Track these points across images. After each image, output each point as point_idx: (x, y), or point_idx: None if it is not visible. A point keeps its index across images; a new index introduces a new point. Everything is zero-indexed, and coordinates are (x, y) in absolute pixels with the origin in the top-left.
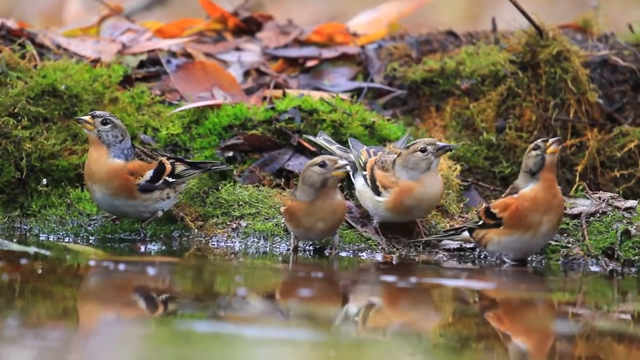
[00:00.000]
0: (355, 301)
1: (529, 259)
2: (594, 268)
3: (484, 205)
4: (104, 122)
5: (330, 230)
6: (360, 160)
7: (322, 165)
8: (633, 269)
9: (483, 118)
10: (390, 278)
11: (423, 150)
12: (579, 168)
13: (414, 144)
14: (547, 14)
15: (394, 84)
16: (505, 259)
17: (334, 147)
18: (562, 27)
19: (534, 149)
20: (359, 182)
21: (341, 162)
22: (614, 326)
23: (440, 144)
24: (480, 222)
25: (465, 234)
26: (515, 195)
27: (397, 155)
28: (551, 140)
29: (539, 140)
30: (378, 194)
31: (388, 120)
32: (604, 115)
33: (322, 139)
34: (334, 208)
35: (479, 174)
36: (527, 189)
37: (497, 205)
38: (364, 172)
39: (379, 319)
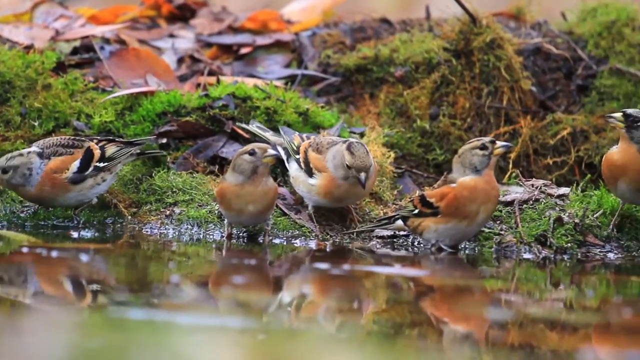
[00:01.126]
0: (288, 288)
1: (461, 246)
2: (526, 255)
3: (418, 194)
4: (4, 171)
5: (261, 214)
6: (292, 145)
7: (252, 153)
8: (565, 256)
9: (417, 105)
10: (323, 265)
11: (349, 148)
12: (512, 155)
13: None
14: (481, 1)
15: (328, 71)
16: (442, 245)
17: (268, 134)
18: (495, 15)
19: (481, 148)
20: (293, 167)
21: (271, 151)
22: (546, 313)
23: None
24: (416, 211)
25: (399, 222)
26: (453, 185)
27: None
28: (500, 143)
29: (487, 140)
30: (311, 175)
31: (322, 107)
32: (537, 103)
33: (255, 127)
34: (265, 192)
35: (413, 161)
36: (467, 179)
37: (433, 195)
38: (297, 156)
39: (312, 306)
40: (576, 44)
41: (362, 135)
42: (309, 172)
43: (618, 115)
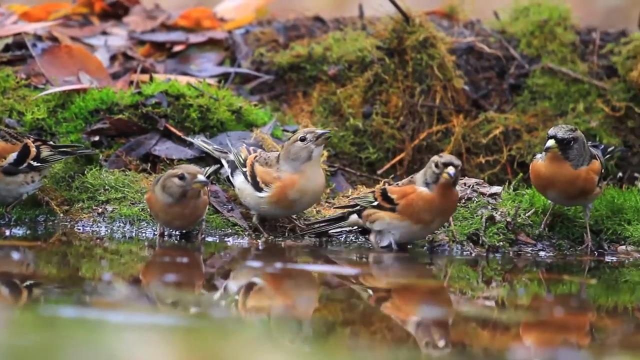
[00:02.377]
0: (221, 287)
1: (394, 245)
2: (459, 254)
3: (380, 187)
4: None
5: (190, 224)
6: (240, 158)
7: (181, 177)
8: (497, 255)
9: (350, 104)
10: (256, 263)
11: (302, 140)
12: (445, 154)
13: (294, 134)
14: (414, 0)
15: (261, 70)
16: (391, 240)
17: (211, 147)
18: (428, 14)
19: (435, 166)
20: (239, 180)
21: (200, 177)
22: (479, 311)
23: (319, 131)
24: (375, 203)
25: (354, 217)
26: (414, 188)
27: (282, 148)
28: (450, 168)
29: (442, 160)
30: (259, 190)
31: (255, 105)
32: (469, 102)
33: (200, 141)
34: (192, 211)
35: (346, 160)
36: (424, 191)
37: (395, 192)
38: (244, 169)
39: (245, 304)
40: (509, 43)
41: (294, 133)
42: (256, 186)
43: (552, 143)
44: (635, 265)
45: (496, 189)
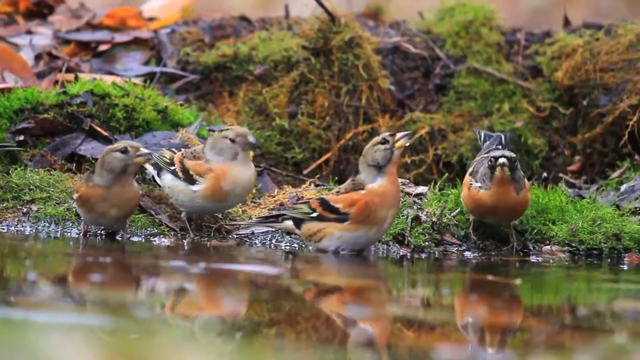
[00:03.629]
0: (146, 286)
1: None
2: (385, 254)
3: (316, 197)
4: None
5: (123, 218)
6: (164, 159)
7: (124, 151)
8: (423, 255)
9: (276, 104)
10: (181, 263)
11: (232, 140)
12: None
13: (227, 129)
14: (340, 0)
15: (187, 69)
16: (342, 252)
17: None
18: (354, 14)
19: (382, 142)
20: (167, 179)
21: (143, 150)
22: (404, 311)
23: (251, 139)
24: (315, 214)
25: (289, 223)
26: (363, 192)
27: (209, 137)
28: (400, 134)
29: (386, 134)
30: (193, 182)
31: (181, 105)
32: (395, 102)
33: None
34: (131, 196)
35: (272, 160)
36: (376, 185)
37: (340, 200)
38: (172, 167)
39: (169, 304)
40: (434, 43)
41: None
42: (190, 179)
43: (504, 160)
44: (560, 265)
45: (422, 189)
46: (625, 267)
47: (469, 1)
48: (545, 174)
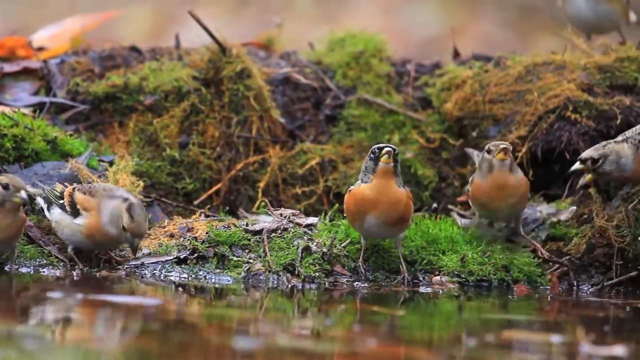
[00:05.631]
0: (32, 317)
1: (208, 277)
2: (275, 284)
3: None
4: None
5: (7, 243)
6: (55, 192)
7: (5, 187)
8: (313, 285)
9: (166, 134)
10: (69, 295)
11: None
12: (261, 184)
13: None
14: (231, 31)
15: (77, 99)
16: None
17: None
18: (245, 45)
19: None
20: (56, 213)
21: (23, 193)
22: (294, 342)
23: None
24: None
25: None
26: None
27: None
28: (385, 150)
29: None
30: (77, 215)
31: (71, 135)
32: (286, 133)
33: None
34: (9, 224)
35: (162, 190)
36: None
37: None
38: (61, 201)
39: (55, 335)
40: (325, 74)
41: (111, 163)
42: (75, 213)
43: (388, 149)
44: (450, 295)
45: (312, 219)
46: (514, 298)
47: (360, 32)
48: (435, 205)
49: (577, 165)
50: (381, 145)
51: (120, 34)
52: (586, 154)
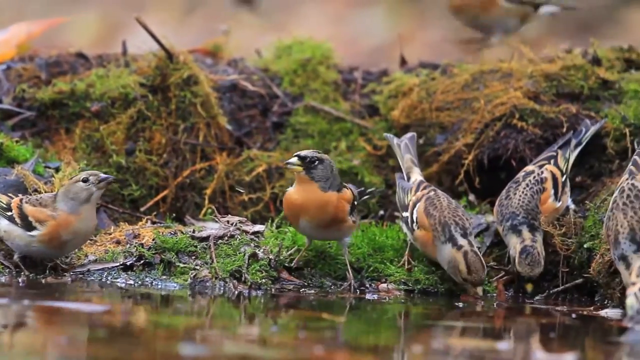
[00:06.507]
0: None
1: (155, 283)
2: (222, 290)
3: None
4: None
5: None
6: (1, 204)
7: None
8: (260, 292)
9: (113, 140)
10: (14, 301)
11: (85, 181)
12: (208, 191)
13: (78, 175)
14: (178, 38)
15: (23, 106)
16: None
17: None
18: (192, 52)
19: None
20: (3, 224)
21: None
22: (241, 349)
23: (102, 175)
24: None
25: None
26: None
27: (61, 186)
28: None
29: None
30: (31, 229)
31: (17, 141)
32: (233, 140)
33: None
34: None
35: (109, 197)
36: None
37: None
38: (9, 213)
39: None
40: (272, 81)
41: (57, 170)
42: (28, 226)
43: (294, 159)
44: (396, 302)
45: (259, 227)
46: (460, 305)
47: (307, 40)
48: (382, 212)
49: None
50: (295, 154)
51: (67, 40)
52: None
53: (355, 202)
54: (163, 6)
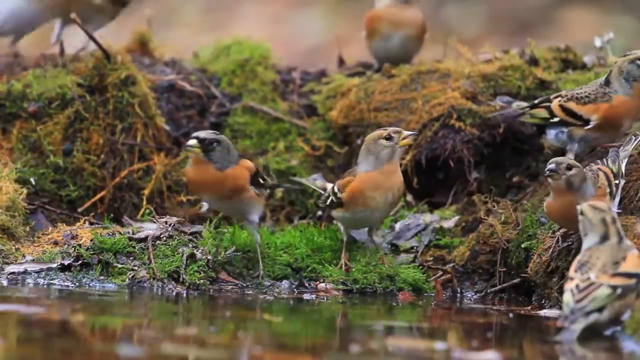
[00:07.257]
0: None
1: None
2: (160, 291)
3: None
4: None
5: None
6: None
7: None
8: (198, 292)
9: (50, 141)
10: None
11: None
12: (146, 192)
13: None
14: (116, 37)
15: None
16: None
17: None
18: (130, 52)
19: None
20: None
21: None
22: (178, 350)
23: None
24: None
25: None
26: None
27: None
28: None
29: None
30: None
31: None
32: (170, 140)
33: None
34: None
35: (46, 197)
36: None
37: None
38: None
39: None
40: (210, 81)
41: None
42: None
43: (193, 142)
44: (334, 302)
45: (197, 227)
46: (398, 305)
47: (245, 40)
48: (320, 213)
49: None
50: (193, 135)
51: (2, 41)
52: None
53: (259, 176)
54: None
